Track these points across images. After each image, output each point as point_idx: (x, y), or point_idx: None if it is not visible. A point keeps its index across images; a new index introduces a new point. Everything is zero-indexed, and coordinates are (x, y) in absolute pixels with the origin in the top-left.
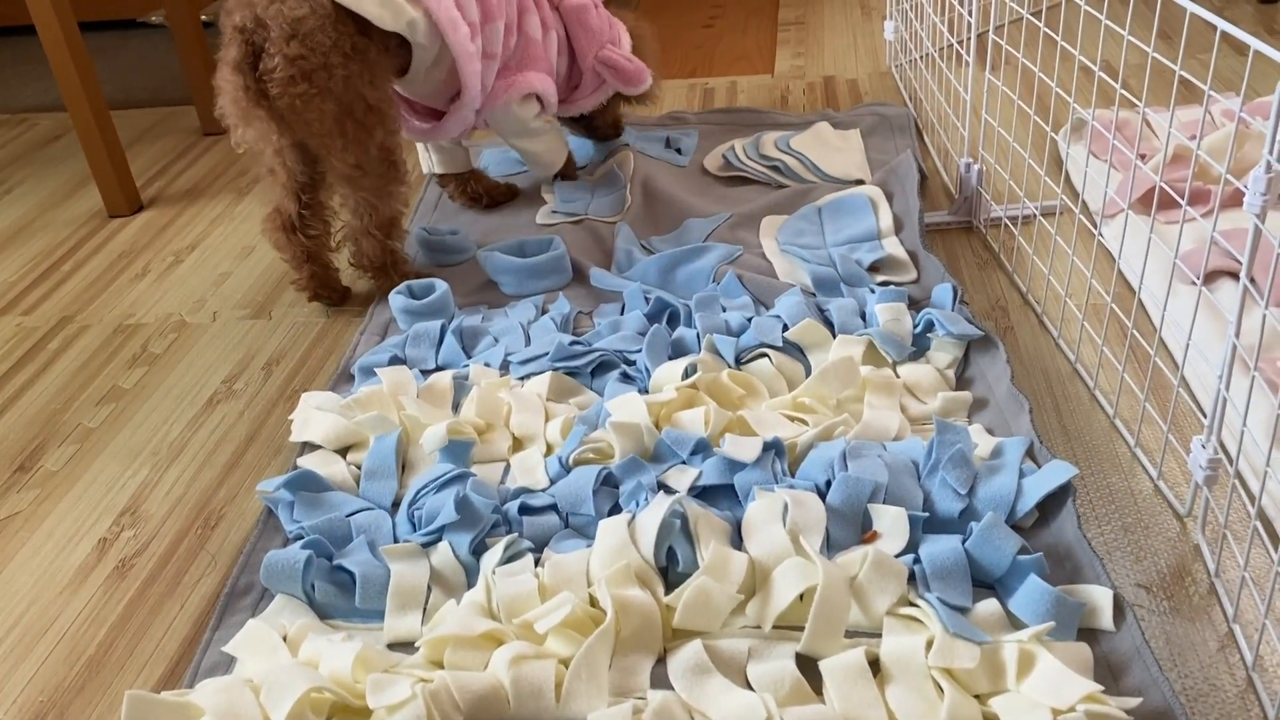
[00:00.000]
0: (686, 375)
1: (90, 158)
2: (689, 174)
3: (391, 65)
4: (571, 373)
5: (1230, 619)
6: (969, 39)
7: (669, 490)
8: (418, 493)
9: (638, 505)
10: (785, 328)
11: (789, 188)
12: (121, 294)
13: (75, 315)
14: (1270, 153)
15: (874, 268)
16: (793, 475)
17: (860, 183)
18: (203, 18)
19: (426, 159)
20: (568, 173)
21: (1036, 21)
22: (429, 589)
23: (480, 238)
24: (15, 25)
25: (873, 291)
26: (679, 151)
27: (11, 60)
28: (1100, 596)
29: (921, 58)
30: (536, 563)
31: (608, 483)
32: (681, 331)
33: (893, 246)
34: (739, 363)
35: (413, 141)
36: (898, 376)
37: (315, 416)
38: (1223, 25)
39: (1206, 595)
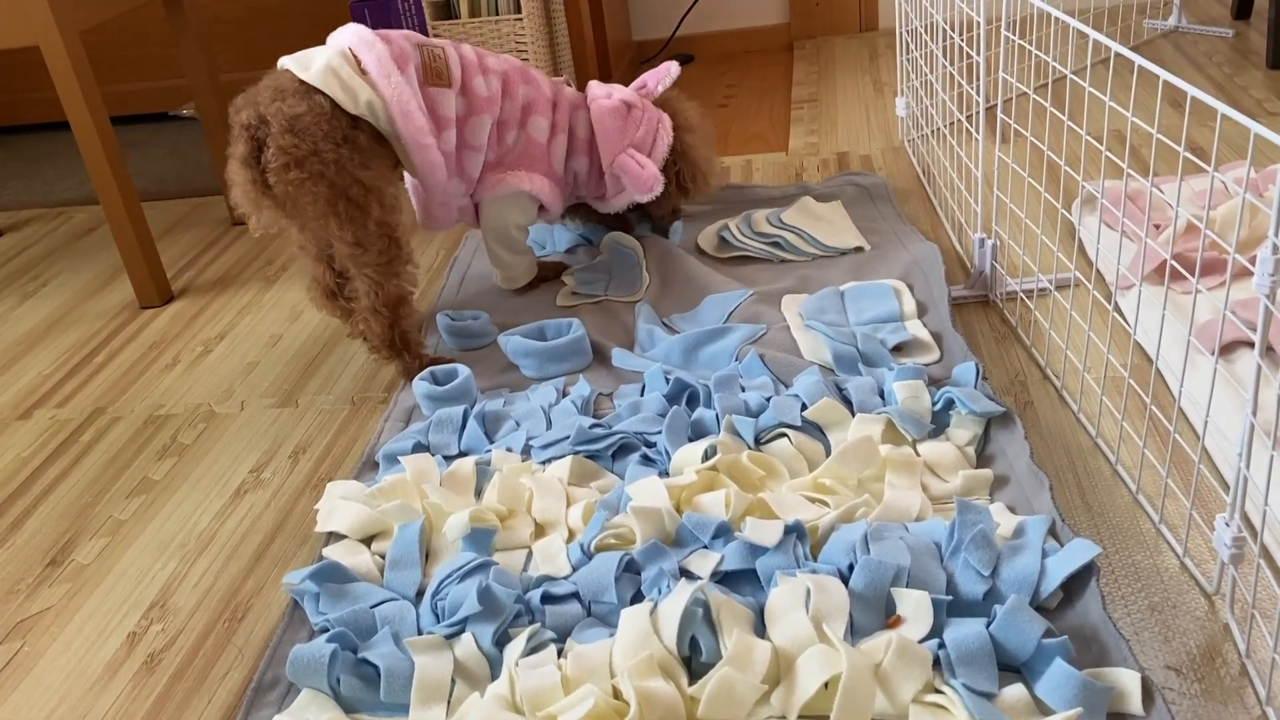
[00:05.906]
0: (706, 457)
1: (122, 250)
2: (694, 253)
3: (388, 152)
4: (592, 456)
5: (1263, 701)
6: (978, 114)
7: (691, 576)
8: (441, 583)
9: (660, 592)
10: (804, 407)
11: (802, 269)
12: (152, 385)
13: (107, 407)
14: (1276, 235)
15: (897, 348)
16: (814, 559)
17: (860, 250)
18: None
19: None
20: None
21: (1042, 100)
22: (453, 681)
23: (501, 321)
24: (51, 121)
25: (891, 369)
26: (666, 236)
27: (48, 155)
28: (1128, 680)
29: (933, 133)
30: (559, 653)
31: (629, 569)
32: (701, 412)
33: (916, 329)
34: (758, 443)
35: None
36: (918, 455)
37: (340, 506)
38: (1223, 109)
39: (1238, 677)
